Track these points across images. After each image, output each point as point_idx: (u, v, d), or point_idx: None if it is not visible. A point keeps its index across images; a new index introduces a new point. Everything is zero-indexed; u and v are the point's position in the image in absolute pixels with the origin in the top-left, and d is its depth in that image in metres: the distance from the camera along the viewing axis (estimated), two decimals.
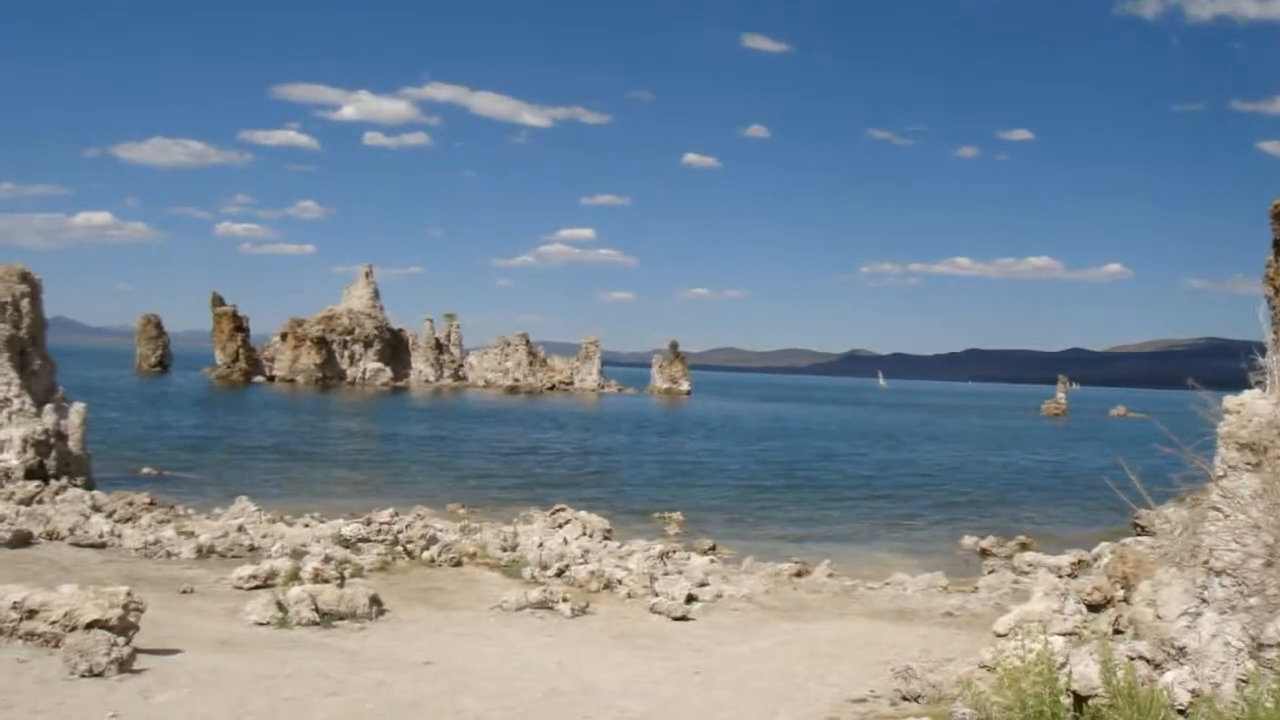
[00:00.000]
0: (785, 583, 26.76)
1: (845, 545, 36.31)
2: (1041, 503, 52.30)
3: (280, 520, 31.82)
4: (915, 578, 27.50)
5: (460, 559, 26.25)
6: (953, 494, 54.65)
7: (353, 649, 17.07)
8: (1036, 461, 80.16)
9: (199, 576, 22.98)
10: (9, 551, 24.04)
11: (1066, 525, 43.79)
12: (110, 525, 28.09)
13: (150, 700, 13.05)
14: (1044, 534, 40.04)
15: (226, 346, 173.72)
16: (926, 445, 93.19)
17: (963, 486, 58.65)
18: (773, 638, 20.15)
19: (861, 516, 44.27)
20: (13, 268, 40.28)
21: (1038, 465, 76.62)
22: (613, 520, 34.60)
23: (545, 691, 15.03)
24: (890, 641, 19.93)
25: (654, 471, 59.72)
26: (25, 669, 13.70)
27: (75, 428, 38.85)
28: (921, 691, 14.21)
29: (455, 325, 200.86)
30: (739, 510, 44.52)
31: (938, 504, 49.79)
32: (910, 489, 56.03)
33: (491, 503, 42.04)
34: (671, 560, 28.53)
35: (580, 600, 22.12)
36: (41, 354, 40.41)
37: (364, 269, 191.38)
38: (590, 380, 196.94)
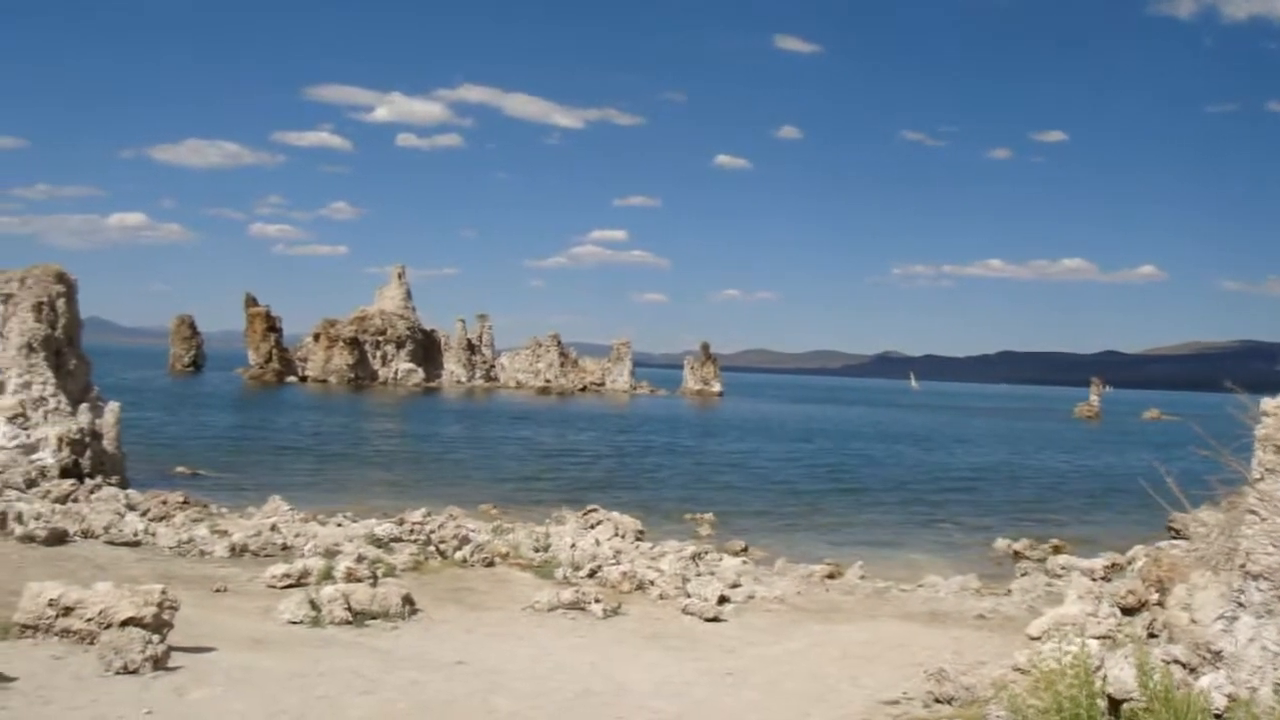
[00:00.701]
0: (817, 584, 26.70)
1: (877, 547, 36.19)
2: (1075, 505, 52.02)
3: (313, 520, 31.91)
4: (948, 580, 27.41)
5: (492, 559, 26.28)
6: (985, 496, 54.46)
7: (385, 648, 17.11)
8: (1070, 464, 79.72)
9: (232, 575, 23.07)
10: (45, 549, 24.17)
11: (1100, 528, 43.49)
12: (144, 524, 28.21)
13: (184, 697, 13.11)
14: (1077, 537, 39.82)
15: (260, 347, 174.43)
16: (959, 447, 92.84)
17: (995, 489, 58.45)
18: (805, 639, 20.11)
19: (894, 518, 44.15)
20: (49, 268, 40.54)
21: (1071, 468, 76.20)
22: (645, 521, 34.60)
23: (577, 692, 15.04)
24: (923, 644, 19.86)
25: (686, 473, 59.63)
26: (61, 665, 13.78)
27: (110, 427, 39.06)
28: (955, 694, 14.17)
29: (487, 326, 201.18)
30: (771, 512, 44.42)
31: (970, 506, 49.61)
32: (943, 491, 55.81)
33: (523, 503, 42.05)
34: (703, 561, 28.49)
35: (612, 601, 22.12)
36: (77, 354, 40.66)
37: (396, 270, 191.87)
38: (622, 381, 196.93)
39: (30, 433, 37.21)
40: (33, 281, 39.84)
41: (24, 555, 23.20)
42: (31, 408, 37.79)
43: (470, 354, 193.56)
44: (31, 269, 40.47)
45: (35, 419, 37.68)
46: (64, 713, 12.03)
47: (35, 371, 38.40)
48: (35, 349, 38.56)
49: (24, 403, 37.67)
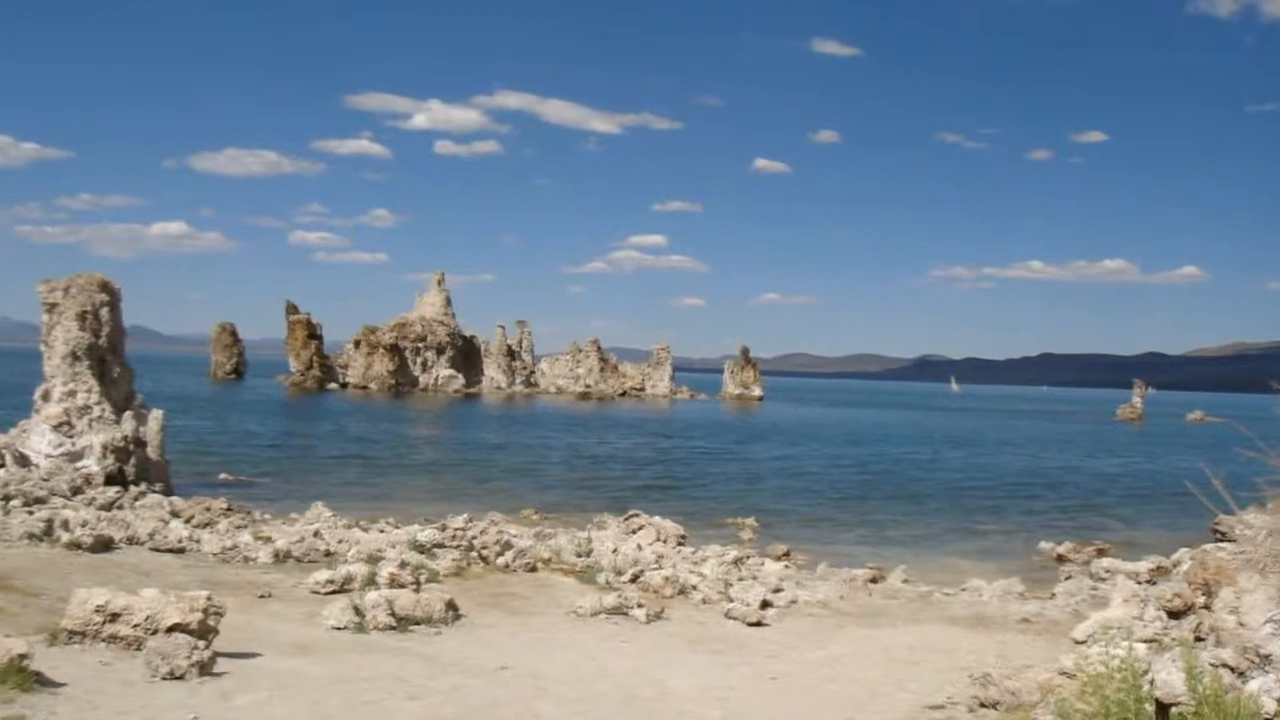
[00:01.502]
0: (860, 588, 26.62)
1: (920, 551, 36.07)
2: (1119, 508, 51.73)
3: (356, 526, 32.03)
4: (991, 584, 27.26)
5: (535, 564, 26.32)
6: (1028, 499, 54.18)
7: (429, 653, 17.15)
8: (1113, 467, 79.24)
9: (276, 581, 23.17)
10: (91, 556, 24.31)
11: (1144, 531, 43.24)
12: (189, 531, 28.35)
13: (230, 702, 13.18)
14: (1122, 540, 39.59)
15: (300, 354, 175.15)
16: (1001, 450, 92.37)
17: (1038, 492, 58.13)
18: (848, 644, 20.05)
19: (936, 522, 43.98)
20: (93, 277, 40.77)
21: (1114, 470, 75.74)
22: (686, 526, 34.58)
23: (621, 697, 15.05)
24: (967, 648, 19.79)
25: (728, 477, 59.55)
26: (109, 671, 13.87)
27: (154, 434, 39.29)
28: (1000, 698, 14.11)
29: (527, 332, 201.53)
30: (813, 516, 44.36)
31: (1013, 509, 49.34)
32: (985, 494, 55.56)
33: (565, 508, 42.09)
34: (746, 566, 28.48)
35: (655, 606, 22.11)
36: (121, 362, 40.89)
37: (436, 276, 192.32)
38: (662, 386, 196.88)
39: (75, 440, 37.49)
40: (77, 290, 40.08)
41: (70, 562, 23.34)
42: (76, 416, 38.06)
43: (510, 360, 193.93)
44: (75, 278, 40.70)
45: (80, 427, 37.95)
46: (112, 717, 12.10)
47: (80, 380, 38.65)
48: (80, 357, 38.81)
49: (69, 411, 37.95)
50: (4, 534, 25.50)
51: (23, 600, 18.40)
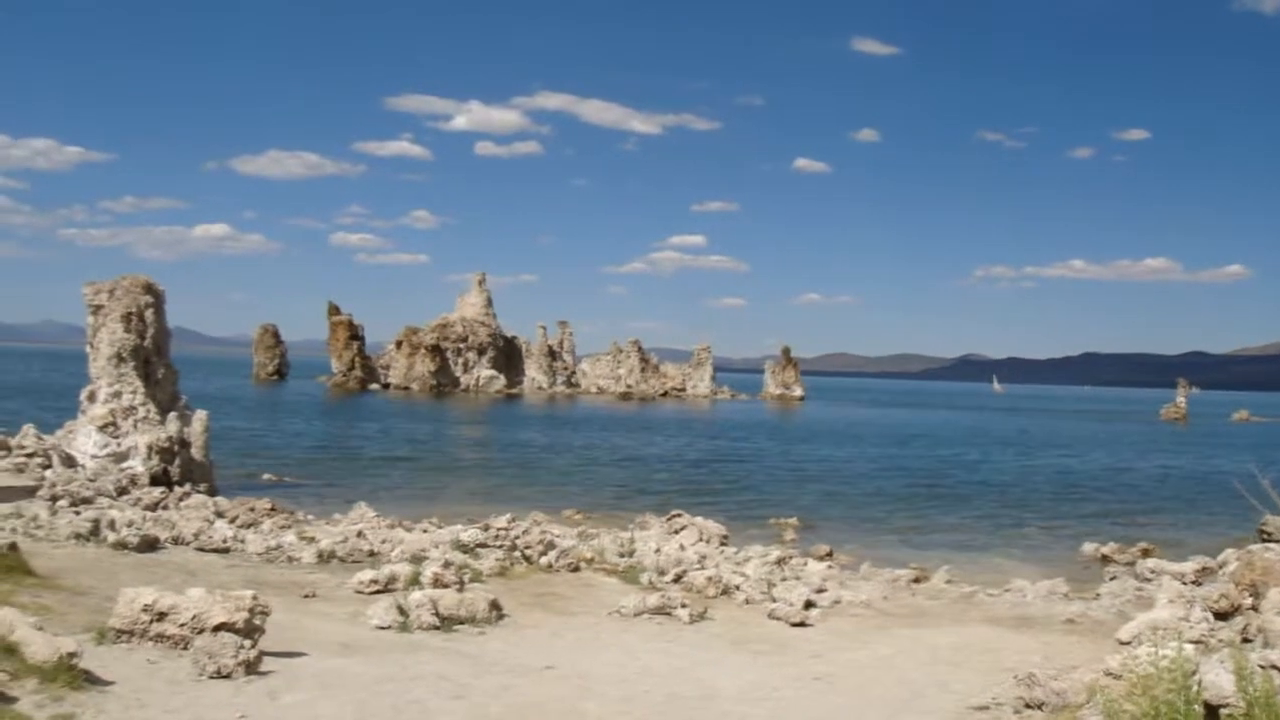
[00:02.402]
0: (903, 589, 26.53)
1: (963, 551, 35.93)
2: (1163, 508, 51.39)
3: (399, 526, 32.12)
4: (1035, 584, 27.10)
5: (578, 564, 26.34)
6: (1072, 500, 53.87)
7: (474, 653, 17.18)
8: (1157, 467, 78.72)
9: (320, 581, 23.26)
10: (137, 555, 24.47)
11: (1189, 531, 42.94)
12: (233, 530, 28.50)
13: (277, 701, 13.24)
14: (1166, 540, 39.31)
15: (342, 355, 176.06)
16: (1043, 450, 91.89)
17: (1082, 492, 57.79)
18: (892, 644, 19.98)
19: (979, 522, 43.81)
20: (137, 279, 41.06)
21: (1158, 470, 75.25)
22: (729, 526, 34.54)
23: (665, 696, 15.03)
24: (1012, 648, 19.69)
25: (769, 477, 59.49)
26: (156, 670, 13.95)
27: (198, 435, 39.51)
28: (1045, 699, 14.02)
29: (568, 332, 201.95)
30: (855, 516, 44.25)
31: (1057, 510, 49.09)
32: (1028, 494, 55.31)
33: (608, 509, 42.17)
34: (788, 566, 28.41)
35: (698, 606, 22.09)
36: (165, 363, 41.16)
37: (477, 277, 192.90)
38: (703, 386, 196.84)
39: (121, 441, 37.76)
40: (122, 293, 40.36)
41: (116, 561, 23.49)
42: (122, 417, 38.32)
43: (551, 360, 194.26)
44: (120, 280, 40.99)
45: (125, 428, 38.21)
46: (160, 715, 12.17)
47: (125, 381, 38.91)
48: (125, 359, 39.08)
49: (114, 412, 38.22)
50: (51, 534, 25.69)
51: (70, 599, 18.51)
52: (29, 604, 16.82)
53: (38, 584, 19.30)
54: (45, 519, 27.37)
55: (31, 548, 22.66)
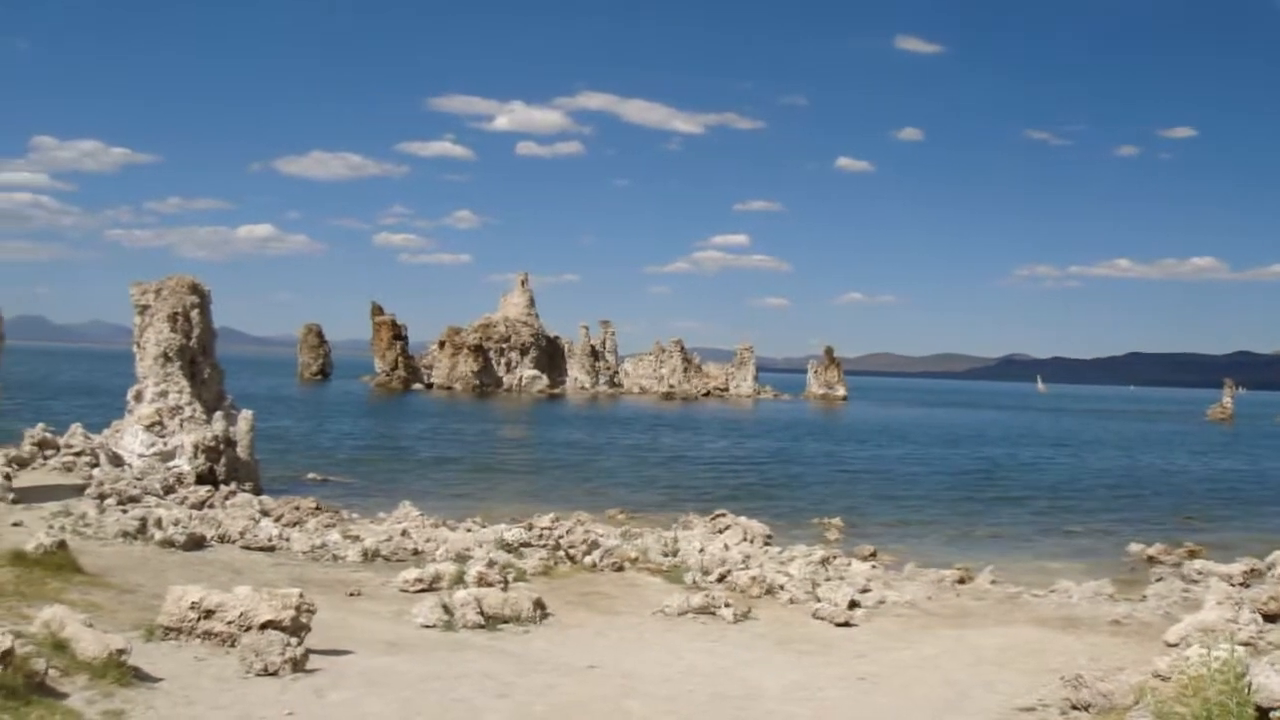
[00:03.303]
0: (948, 589, 26.43)
1: (1008, 551, 35.75)
2: (1210, 509, 50.97)
3: (443, 525, 32.18)
4: (1081, 585, 26.93)
5: (622, 564, 26.34)
6: (1118, 500, 53.55)
7: (518, 652, 17.22)
8: (1203, 467, 78.20)
9: (365, 579, 23.36)
10: (184, 554, 24.64)
11: (1237, 533, 42.56)
12: (278, 529, 28.63)
13: (323, 699, 13.31)
14: (1214, 541, 38.95)
15: (386, 355, 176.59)
16: (1089, 451, 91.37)
17: (1127, 492, 57.46)
18: (937, 644, 19.91)
19: (1024, 522, 43.61)
20: (183, 279, 41.28)
21: (1205, 471, 74.73)
22: (773, 526, 34.49)
23: (709, 696, 15.03)
24: (1057, 649, 19.59)
25: (813, 477, 59.31)
26: (203, 667, 14.04)
27: (244, 434, 39.71)
28: (1092, 701, 13.94)
29: (610, 332, 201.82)
30: (899, 516, 44.06)
31: (1102, 510, 48.82)
32: (1073, 494, 55.01)
33: (651, 508, 42.13)
34: (832, 566, 28.34)
35: (742, 605, 22.07)
36: (211, 363, 41.38)
37: (519, 277, 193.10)
38: (745, 386, 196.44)
39: (167, 440, 37.98)
40: (168, 293, 40.59)
41: (163, 560, 23.66)
42: (168, 416, 38.55)
43: (594, 360, 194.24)
44: (167, 280, 41.22)
45: (172, 427, 38.43)
46: (208, 712, 12.26)
47: (171, 381, 39.14)
48: (171, 358, 39.30)
49: (161, 411, 38.45)
50: (99, 532, 25.89)
51: (119, 597, 18.66)
52: (78, 601, 16.98)
53: (86, 581, 19.47)
54: (93, 517, 27.57)
55: (80, 546, 22.85)
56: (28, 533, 23.52)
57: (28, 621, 14.37)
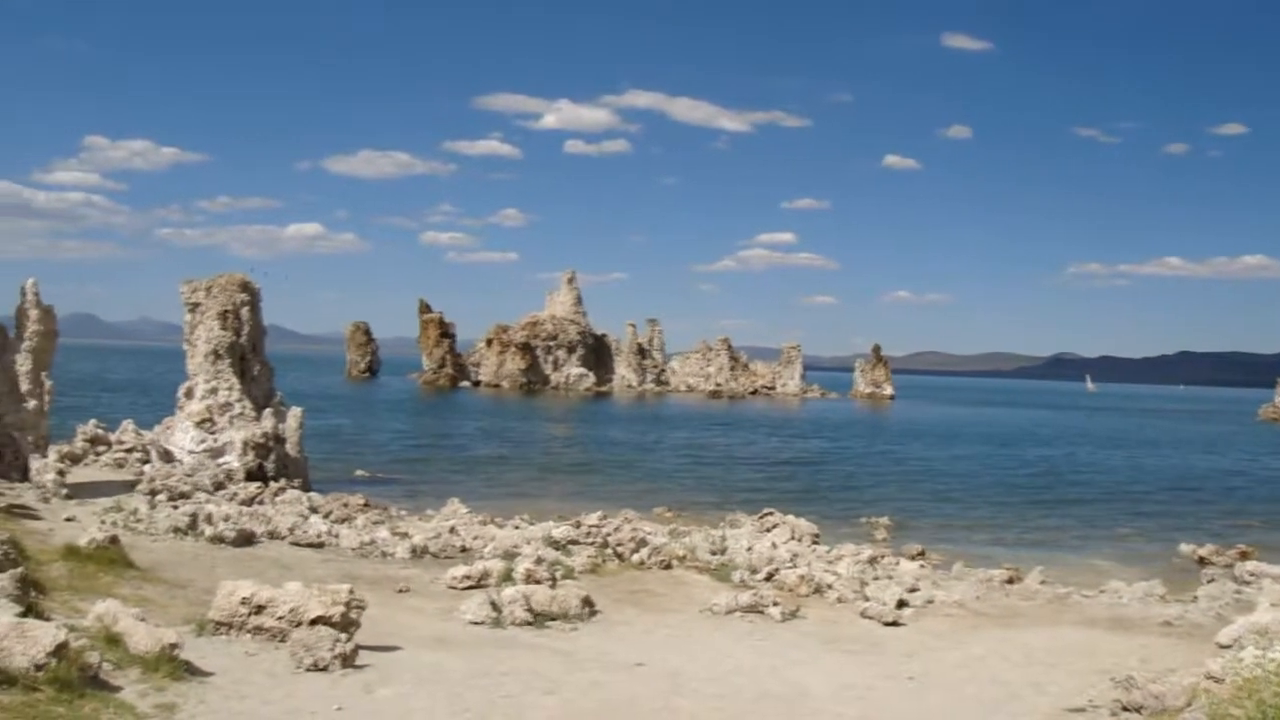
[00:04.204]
0: (996, 589, 26.30)
1: (1056, 551, 35.56)
2: (1262, 510, 50.46)
3: (491, 522, 32.25)
4: (1131, 586, 26.76)
5: (669, 562, 26.32)
6: (1168, 500, 53.17)
7: (566, 649, 17.25)
8: (1256, 467, 77.57)
9: (414, 576, 23.44)
10: (234, 550, 24.79)
11: None
12: (327, 526, 28.76)
13: (373, 694, 13.37)
14: (1266, 543, 38.54)
15: (433, 352, 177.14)
16: (1139, 450, 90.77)
17: (1178, 493, 57.04)
18: (985, 644, 19.83)
19: (1073, 522, 43.31)
20: (233, 277, 41.51)
21: (1257, 471, 74.14)
22: (820, 525, 34.37)
23: (757, 694, 15.02)
24: (1107, 650, 19.47)
25: (861, 477, 59.13)
26: (254, 662, 14.13)
27: (293, 431, 39.88)
28: (1144, 702, 13.86)
29: (658, 330, 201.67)
30: (947, 515, 43.88)
31: (1153, 510, 48.46)
32: (1123, 495, 54.64)
33: (698, 506, 42.06)
34: (880, 565, 28.26)
35: (790, 604, 22.05)
36: (261, 360, 41.58)
37: (566, 275, 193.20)
38: (792, 385, 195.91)
39: (217, 437, 38.19)
40: (218, 290, 40.82)
41: (214, 555, 23.82)
42: (218, 413, 38.76)
43: (641, 358, 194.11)
44: (217, 278, 41.46)
45: (221, 424, 38.64)
46: (259, 707, 12.33)
47: (221, 378, 39.35)
48: (221, 356, 39.52)
49: (211, 408, 38.66)
50: (150, 527, 26.09)
51: (170, 591, 18.81)
52: (130, 596, 17.13)
53: (138, 576, 19.64)
54: (145, 513, 27.77)
55: (131, 541, 23.06)
56: (81, 528, 23.75)
57: (81, 615, 14.51)
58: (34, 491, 30.06)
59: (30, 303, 36.84)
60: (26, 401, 35.06)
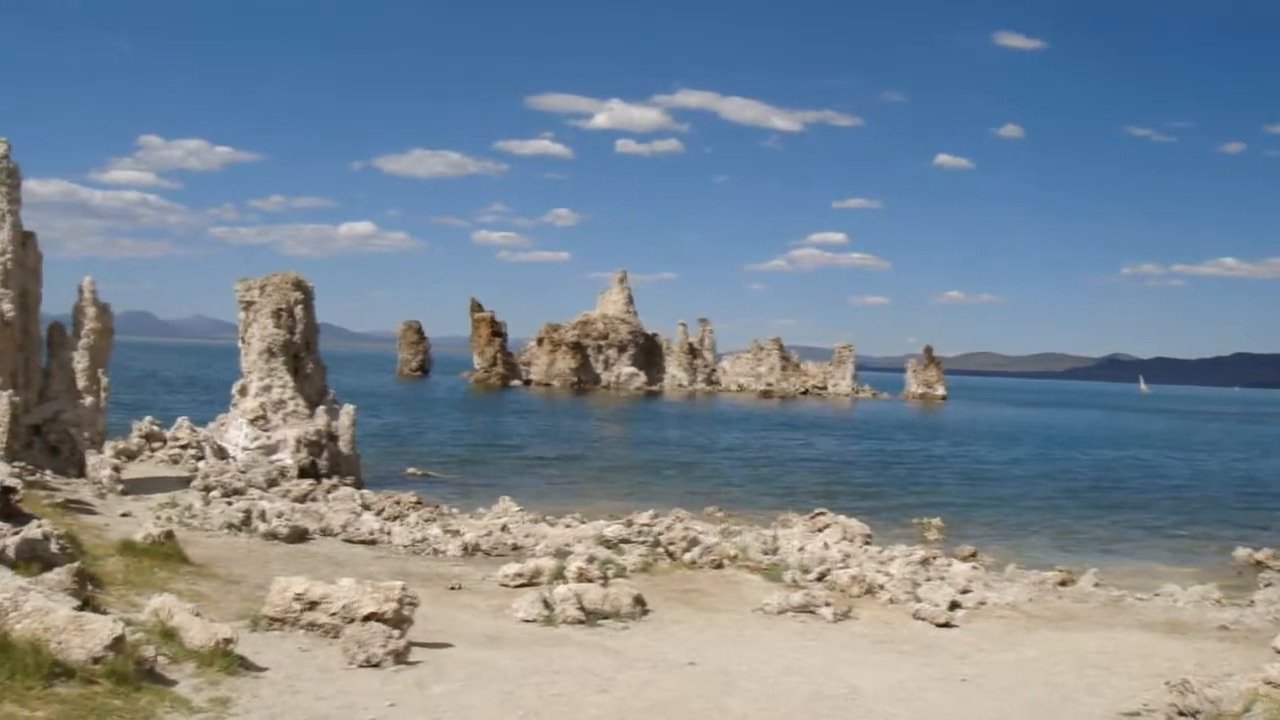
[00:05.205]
0: (1050, 591, 26.12)
1: (1110, 553, 35.35)
2: None
3: (542, 520, 32.31)
4: (1187, 589, 26.51)
5: (721, 561, 26.28)
6: (1224, 503, 52.74)
7: (617, 648, 17.25)
8: None
9: (465, 574, 23.50)
10: (287, 546, 24.95)
11: None
12: (380, 523, 28.90)
13: (425, 691, 13.41)
14: None
15: (485, 351, 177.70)
16: (1194, 453, 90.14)
17: (1235, 496, 56.60)
18: (1039, 647, 19.70)
19: (1127, 524, 43.02)
20: (287, 276, 41.81)
21: None
22: (872, 525, 34.23)
23: (809, 695, 14.97)
24: (1163, 654, 19.29)
25: (912, 477, 58.92)
26: (307, 658, 14.20)
27: (345, 429, 40.10)
28: (1200, 707, 13.71)
29: (709, 330, 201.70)
30: (999, 517, 43.69)
31: (1208, 513, 48.06)
32: (1178, 496, 54.29)
33: (749, 506, 42.01)
34: (933, 566, 28.12)
35: (842, 605, 21.97)
36: (314, 358, 41.86)
37: (618, 275, 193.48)
38: (844, 385, 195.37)
39: (271, 434, 38.46)
40: (272, 289, 41.13)
41: (267, 551, 23.99)
42: (272, 410, 39.04)
43: (692, 358, 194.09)
44: (271, 277, 41.76)
45: (275, 421, 38.92)
46: (313, 703, 12.39)
47: (275, 375, 39.63)
48: (275, 354, 39.80)
49: (264, 405, 38.95)
50: (205, 523, 26.31)
51: (224, 587, 18.93)
52: (185, 591, 17.26)
53: (193, 571, 19.80)
54: (199, 509, 28.02)
55: (186, 536, 23.25)
56: (136, 523, 23.97)
57: (137, 610, 14.63)
58: (90, 487, 30.34)
59: (87, 301, 37.19)
60: (83, 398, 35.38)
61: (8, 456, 29.75)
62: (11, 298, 32.38)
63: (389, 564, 24.20)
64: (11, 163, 32.92)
